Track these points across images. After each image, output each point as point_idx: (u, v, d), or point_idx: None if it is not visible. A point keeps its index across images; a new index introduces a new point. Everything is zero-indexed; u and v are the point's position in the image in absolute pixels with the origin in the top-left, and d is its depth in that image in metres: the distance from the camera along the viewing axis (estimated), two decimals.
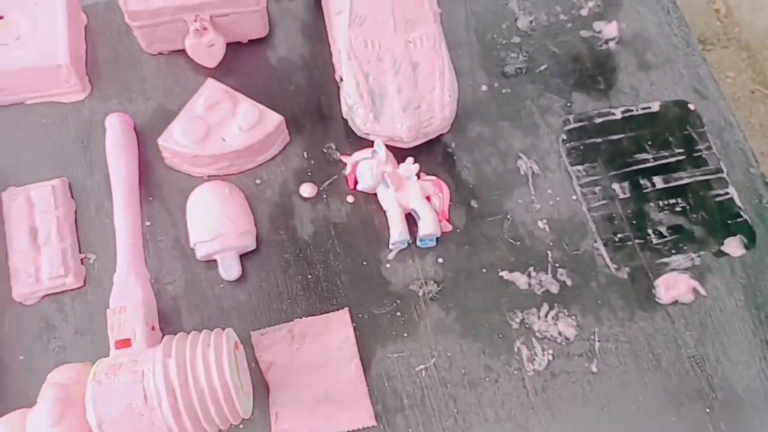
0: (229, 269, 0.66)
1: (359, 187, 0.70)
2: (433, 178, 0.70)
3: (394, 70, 0.70)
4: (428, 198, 0.69)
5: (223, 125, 0.69)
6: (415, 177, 0.69)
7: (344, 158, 0.71)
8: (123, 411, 0.52)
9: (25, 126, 0.73)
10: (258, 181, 0.72)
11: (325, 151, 0.74)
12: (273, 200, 0.72)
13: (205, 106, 0.70)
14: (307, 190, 0.72)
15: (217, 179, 0.71)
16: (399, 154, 0.72)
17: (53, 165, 0.71)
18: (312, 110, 0.76)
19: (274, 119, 0.70)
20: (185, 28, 0.72)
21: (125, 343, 0.58)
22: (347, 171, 0.71)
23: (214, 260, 0.67)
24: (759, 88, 1.24)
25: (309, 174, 0.73)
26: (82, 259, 0.67)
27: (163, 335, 0.62)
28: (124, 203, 0.66)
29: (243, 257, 0.68)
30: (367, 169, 0.68)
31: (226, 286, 0.67)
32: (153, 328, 0.61)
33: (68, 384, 0.55)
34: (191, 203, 0.68)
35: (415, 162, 0.70)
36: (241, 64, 0.77)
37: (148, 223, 0.69)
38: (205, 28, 0.72)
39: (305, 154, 0.74)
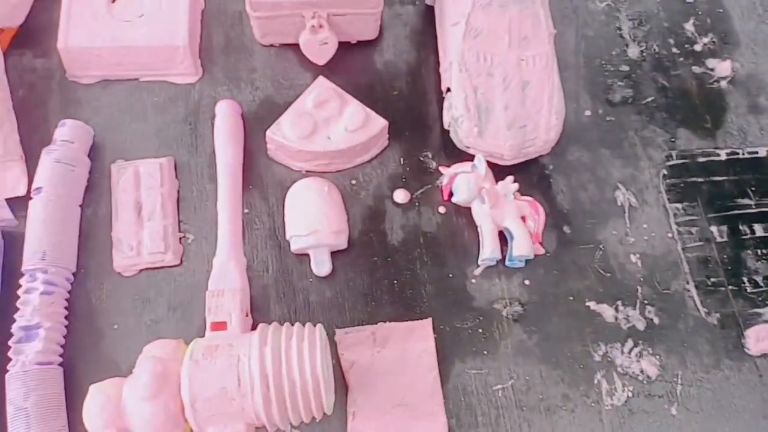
0: (321, 265, 0.68)
1: (454, 200, 0.70)
2: (529, 198, 0.70)
3: (504, 86, 0.70)
4: (523, 218, 0.69)
5: (330, 124, 0.71)
6: (512, 196, 0.69)
7: (442, 169, 0.72)
8: (216, 393, 0.54)
9: (137, 102, 0.75)
10: (353, 182, 0.73)
11: (421, 159, 0.75)
12: (366, 202, 0.73)
13: (315, 103, 0.71)
14: (400, 195, 0.73)
15: (315, 175, 0.72)
16: (495, 170, 0.72)
17: (160, 143, 0.74)
18: (412, 117, 0.77)
19: (378, 123, 0.71)
20: (301, 23, 0.73)
21: (221, 326, 0.60)
22: (443, 182, 0.71)
23: (306, 254, 0.69)
24: None
25: (403, 180, 0.74)
26: (180, 238, 0.69)
27: (254, 322, 0.64)
28: (228, 189, 0.67)
29: (333, 255, 0.69)
30: (464, 182, 0.69)
31: (315, 281, 0.69)
32: (246, 314, 0.62)
33: (166, 359, 0.57)
34: (291, 196, 0.70)
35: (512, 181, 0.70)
36: (348, 64, 0.78)
37: (246, 211, 0.71)
38: (321, 26, 0.73)
39: (401, 160, 0.75)
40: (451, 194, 0.71)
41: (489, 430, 0.64)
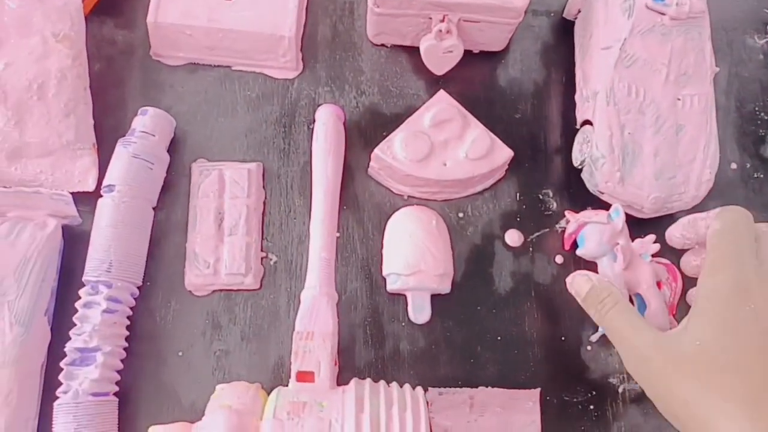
0: (420, 312, 0.59)
1: (579, 252, 0.61)
2: (667, 262, 0.60)
3: (656, 128, 0.60)
4: (658, 284, 0.60)
5: (448, 148, 0.61)
6: (649, 257, 0.60)
7: (569, 214, 0.62)
8: None
9: (228, 94, 0.66)
10: (461, 215, 0.64)
11: (540, 197, 0.65)
12: (473, 240, 0.63)
13: (433, 122, 0.62)
14: (513, 237, 0.63)
15: (418, 202, 0.63)
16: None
17: (248, 144, 0.65)
18: (535, 147, 0.67)
19: (504, 153, 0.62)
20: (426, 25, 0.64)
21: (308, 377, 0.51)
22: (569, 229, 0.62)
23: (402, 295, 0.60)
24: None
25: (518, 220, 0.64)
26: (262, 258, 0.61)
27: (340, 370, 0.55)
28: (324, 210, 0.59)
29: (432, 298, 0.60)
30: (595, 233, 0.59)
31: (408, 327, 0.60)
32: (335, 362, 0.54)
33: (243, 411, 0.49)
34: (393, 226, 0.61)
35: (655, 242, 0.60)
36: (468, 76, 0.68)
37: (337, 235, 0.62)
38: (449, 31, 0.63)
39: (518, 195, 0.65)
40: (574, 245, 0.62)
41: None
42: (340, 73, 0.68)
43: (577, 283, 0.53)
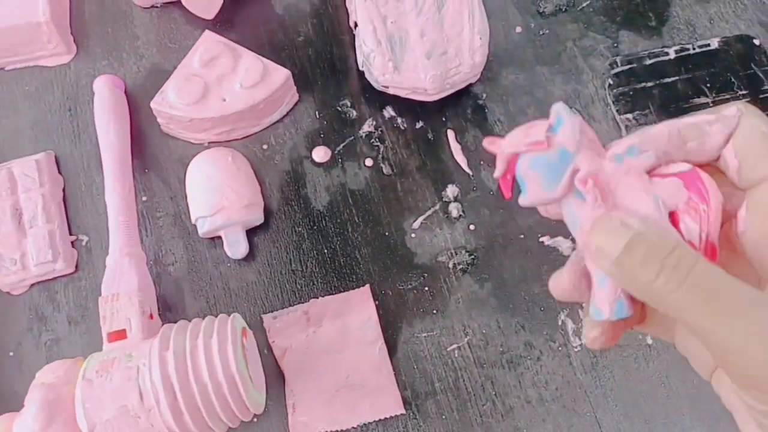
0: (235, 246, 0.59)
1: (522, 201, 0.32)
2: (682, 170, 0.30)
3: (417, 10, 0.61)
4: (672, 215, 0.30)
5: (223, 83, 0.61)
6: (645, 173, 0.32)
7: (489, 145, 0.35)
8: (117, 413, 0.46)
9: (6, 95, 0.66)
10: (265, 147, 0.65)
11: (339, 109, 0.66)
12: (282, 167, 0.64)
13: (202, 62, 0.62)
14: (320, 154, 0.64)
15: (218, 146, 0.63)
16: (423, 111, 0.64)
17: (37, 137, 0.64)
18: (324, 63, 0.67)
19: (280, 74, 0.62)
20: None
21: (120, 335, 0.51)
22: (498, 170, 0.34)
23: (219, 237, 0.60)
24: None
25: (322, 136, 0.65)
26: (73, 242, 0.61)
27: (163, 322, 0.56)
28: (114, 176, 0.59)
29: (250, 232, 0.61)
30: (542, 166, 0.31)
31: (233, 266, 0.60)
32: (151, 317, 0.54)
33: (57, 384, 0.48)
34: (190, 174, 0.61)
35: (441, 115, 0.61)
36: (243, 13, 0.69)
37: (144, 198, 0.62)
38: None
39: (317, 113, 0.66)
40: (514, 185, 0.34)
41: (448, 395, 0.56)
42: (116, 45, 0.68)
43: (601, 237, 0.28)
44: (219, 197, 0.58)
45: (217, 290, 0.60)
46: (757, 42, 0.68)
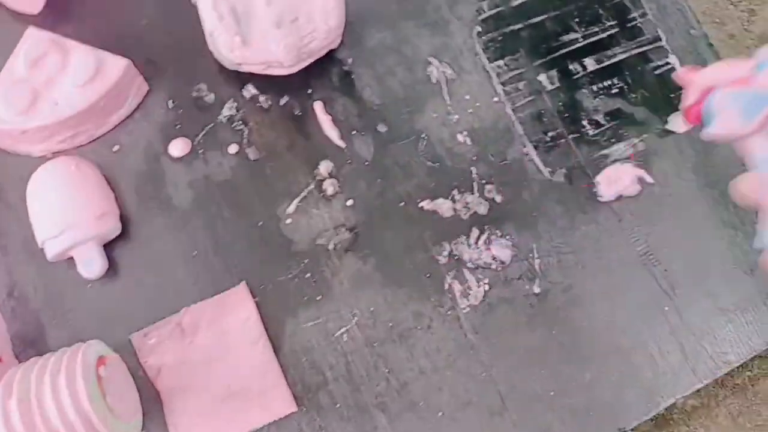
0: (90, 265, 0.54)
1: (705, 134, 0.40)
2: None
3: None
4: None
5: (54, 84, 0.56)
6: None
7: (687, 71, 0.42)
8: None
9: None
10: (116, 147, 0.59)
11: (195, 95, 0.61)
12: (137, 168, 0.59)
13: (27, 64, 0.56)
14: (178, 147, 0.59)
15: (62, 155, 0.58)
16: (287, 86, 0.59)
17: None
18: (172, 47, 0.62)
19: (117, 65, 0.57)
20: None
21: None
22: (690, 99, 0.41)
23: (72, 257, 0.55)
24: None
25: (178, 127, 0.60)
26: None
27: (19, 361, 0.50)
28: None
29: (108, 246, 0.56)
30: (741, 102, 0.37)
31: (95, 286, 0.55)
32: (1, 360, 0.48)
33: None
34: (30, 194, 0.55)
35: (306, 87, 0.56)
36: (76, 2, 0.62)
37: None
38: None
39: (170, 102, 0.60)
40: (699, 116, 0.41)
41: (341, 382, 0.53)
42: None
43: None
44: (64, 214, 0.53)
45: (81, 316, 0.55)
46: None
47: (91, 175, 0.56)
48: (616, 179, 0.58)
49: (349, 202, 0.58)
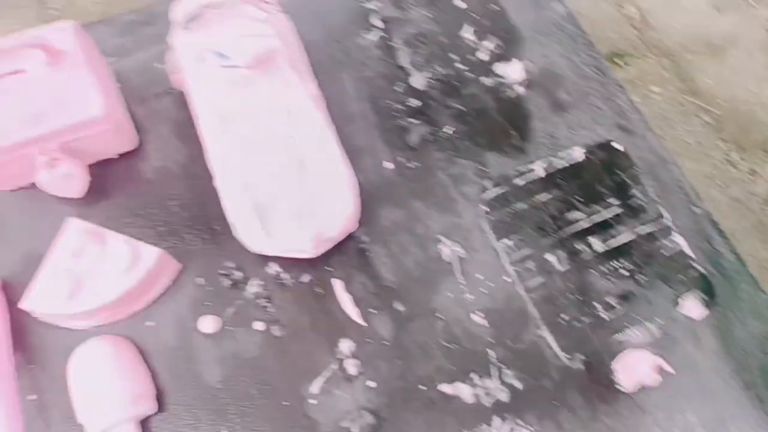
0: None
1: None
2: None
3: (278, 173, 0.60)
4: None
5: (94, 273, 0.59)
6: None
7: None
8: None
9: None
10: (150, 323, 0.62)
11: (223, 272, 0.64)
12: (170, 344, 0.62)
13: (69, 254, 0.59)
14: (208, 324, 0.62)
15: (104, 328, 0.61)
16: (308, 264, 0.63)
17: None
18: (201, 226, 0.66)
19: (151, 255, 0.60)
20: (33, 162, 0.61)
21: None
22: None
23: None
24: (688, 98, 1.13)
25: (207, 304, 0.63)
26: None
27: None
28: None
29: (145, 423, 0.58)
30: None
31: None
32: None
33: None
34: (71, 372, 0.58)
35: (325, 265, 0.60)
36: (113, 184, 0.67)
37: (33, 397, 0.59)
38: (56, 159, 0.61)
39: (200, 280, 0.64)
40: None
41: None
42: None
43: None
44: (103, 397, 0.56)
45: None
46: (618, 146, 0.71)
47: (130, 357, 0.59)
48: (634, 367, 0.60)
49: (371, 384, 0.60)
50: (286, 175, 0.60)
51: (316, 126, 0.62)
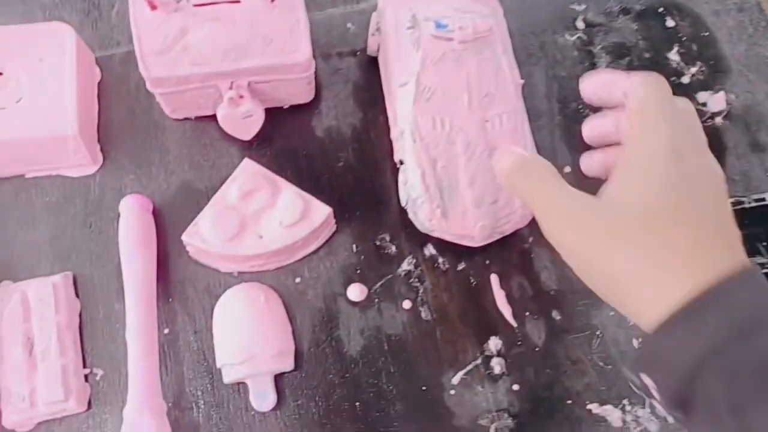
0: (262, 398, 0.55)
1: None
2: None
3: (468, 155, 0.58)
4: None
5: (261, 218, 0.58)
6: None
7: None
8: None
9: (24, 205, 0.62)
10: (298, 280, 0.61)
11: (377, 243, 0.62)
12: (315, 304, 0.60)
13: (240, 194, 0.58)
14: (355, 292, 0.60)
15: (249, 276, 0.59)
16: (466, 253, 0.60)
17: (55, 253, 0.60)
18: (363, 193, 0.64)
19: (321, 212, 0.59)
20: (217, 94, 0.60)
21: None
22: None
23: (245, 382, 0.56)
24: None
25: (358, 272, 0.61)
26: (86, 375, 0.56)
27: None
28: (137, 311, 0.54)
29: (278, 377, 0.57)
30: None
31: (258, 415, 0.56)
32: None
33: None
34: (218, 315, 0.57)
35: (484, 258, 0.58)
36: (281, 133, 0.65)
37: (166, 331, 0.58)
38: (241, 96, 0.60)
39: (354, 247, 0.62)
40: None
41: None
42: (145, 157, 0.64)
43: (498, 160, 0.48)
44: (248, 344, 0.54)
45: None
46: None
47: (276, 310, 0.57)
48: None
49: (515, 387, 0.58)
50: (476, 162, 0.57)
51: (517, 116, 0.59)
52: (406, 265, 0.61)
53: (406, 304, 0.60)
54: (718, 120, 0.68)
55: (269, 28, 0.57)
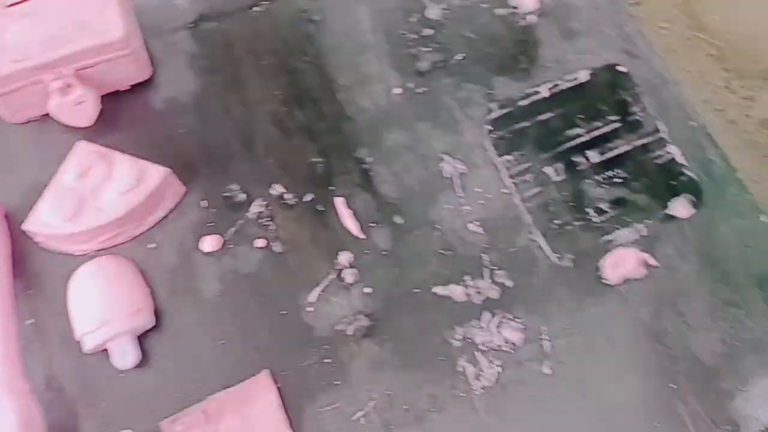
0: (123, 357, 0.57)
1: None
2: None
3: None
4: None
5: (100, 193, 0.61)
6: None
7: None
8: None
9: None
10: (152, 245, 0.64)
11: (226, 195, 0.66)
12: (171, 263, 0.63)
13: (77, 175, 0.62)
14: (208, 243, 0.63)
15: (105, 253, 0.63)
16: (309, 185, 0.64)
17: None
18: (209, 152, 0.68)
19: (157, 173, 0.62)
20: (47, 88, 0.64)
21: None
22: None
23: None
24: (695, 34, 1.15)
25: (210, 225, 0.65)
26: None
27: None
28: None
29: (142, 336, 0.59)
30: None
31: (127, 376, 0.58)
32: None
33: None
34: (71, 291, 0.59)
35: (328, 185, 0.62)
36: (123, 114, 0.69)
37: (31, 321, 0.60)
38: (69, 85, 0.63)
39: (204, 203, 0.66)
40: None
41: None
42: None
43: None
44: (101, 310, 0.57)
45: (113, 404, 0.57)
46: (622, 69, 0.70)
47: (129, 273, 0.60)
48: (621, 263, 0.61)
49: (368, 290, 0.61)
50: None
51: None
52: (257, 208, 0.65)
53: (260, 243, 0.64)
54: (532, 18, 0.73)
55: (81, 13, 0.61)
